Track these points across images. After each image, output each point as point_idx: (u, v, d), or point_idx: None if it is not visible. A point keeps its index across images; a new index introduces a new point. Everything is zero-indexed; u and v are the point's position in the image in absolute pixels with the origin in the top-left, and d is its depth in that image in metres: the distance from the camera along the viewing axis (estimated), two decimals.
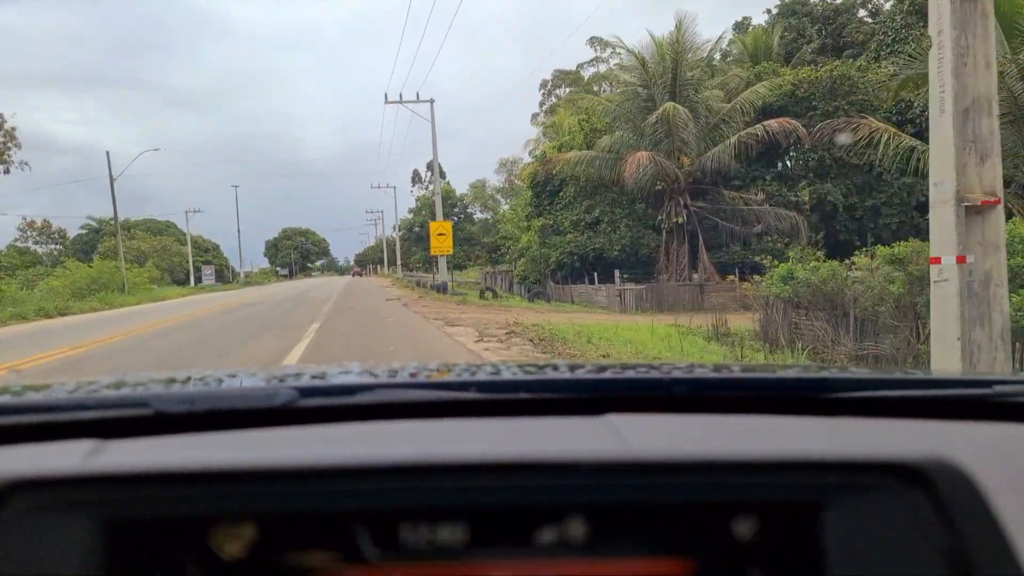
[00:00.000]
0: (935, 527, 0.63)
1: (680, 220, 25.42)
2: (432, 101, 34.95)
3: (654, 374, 1.10)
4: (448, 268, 35.41)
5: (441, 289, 29.90)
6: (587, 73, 65.14)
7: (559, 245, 29.18)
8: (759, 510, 0.67)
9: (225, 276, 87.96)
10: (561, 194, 30.90)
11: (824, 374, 1.20)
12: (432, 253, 32.29)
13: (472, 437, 0.85)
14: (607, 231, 28.57)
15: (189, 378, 1.17)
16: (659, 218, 26.49)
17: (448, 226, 32.54)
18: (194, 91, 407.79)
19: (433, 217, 33.28)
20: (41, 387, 1.10)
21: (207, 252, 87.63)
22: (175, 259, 71.89)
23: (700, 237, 25.54)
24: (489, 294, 27.14)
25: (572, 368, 1.18)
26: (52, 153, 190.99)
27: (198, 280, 70.14)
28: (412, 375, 1.12)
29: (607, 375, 1.11)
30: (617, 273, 24.75)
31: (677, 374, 1.08)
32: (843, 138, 17.54)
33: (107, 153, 40.97)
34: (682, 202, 25.66)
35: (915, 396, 1.02)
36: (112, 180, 40.80)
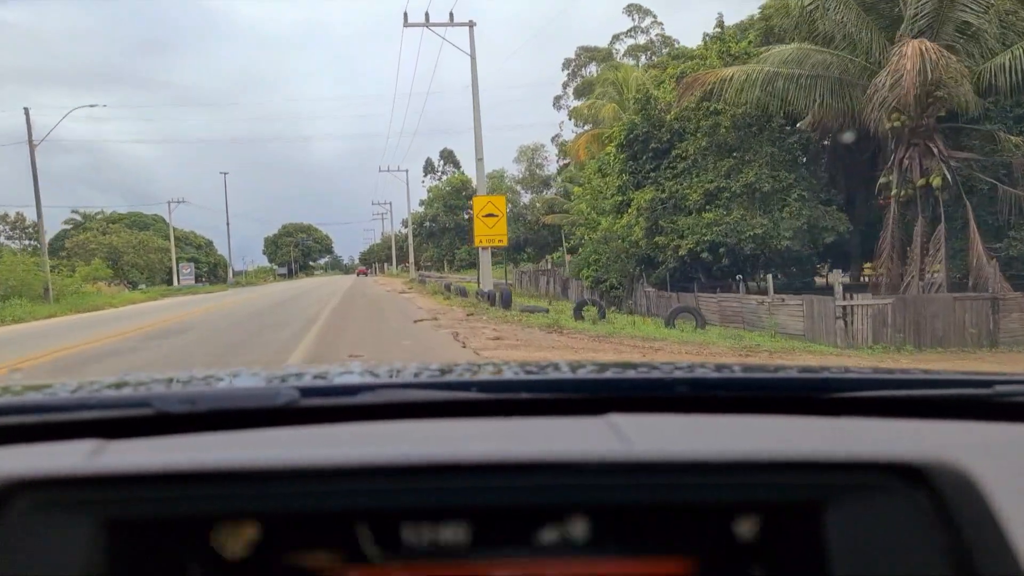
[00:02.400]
0: (936, 527, 0.63)
1: (936, 182, 14.27)
2: (472, 24, 24.08)
3: (656, 374, 1.09)
4: (487, 266, 24.19)
5: (501, 302, 18.54)
6: (621, 47, 55.75)
7: (690, 230, 18.06)
8: (761, 510, 0.67)
9: (219, 275, 77.45)
10: (674, 152, 19.86)
11: (826, 374, 1.15)
12: (477, 244, 21.14)
13: (474, 437, 0.84)
14: (754, 207, 17.51)
15: (191, 378, 1.14)
16: (884, 180, 15.38)
17: (502, 202, 21.28)
18: (199, 87, 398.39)
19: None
20: (43, 387, 1.09)
21: (199, 249, 77.44)
22: (153, 256, 61.39)
23: (971, 214, 14.39)
24: (592, 310, 15.97)
25: (574, 368, 1.17)
26: (60, 152, 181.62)
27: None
28: (414, 375, 1.10)
29: (609, 375, 1.10)
30: (837, 275, 13.71)
31: (679, 374, 1.07)
32: None
33: (26, 110, 30.10)
34: (934, 151, 14.51)
35: (916, 396, 1.00)
36: (32, 145, 30.04)
